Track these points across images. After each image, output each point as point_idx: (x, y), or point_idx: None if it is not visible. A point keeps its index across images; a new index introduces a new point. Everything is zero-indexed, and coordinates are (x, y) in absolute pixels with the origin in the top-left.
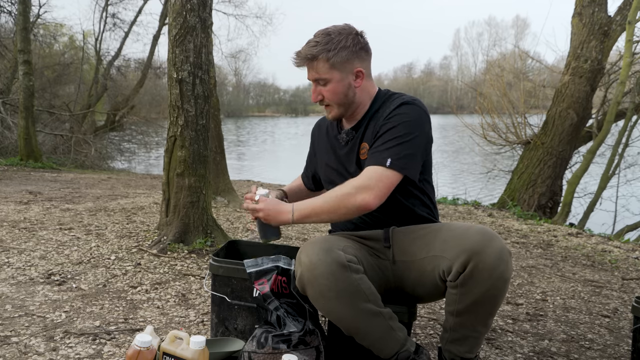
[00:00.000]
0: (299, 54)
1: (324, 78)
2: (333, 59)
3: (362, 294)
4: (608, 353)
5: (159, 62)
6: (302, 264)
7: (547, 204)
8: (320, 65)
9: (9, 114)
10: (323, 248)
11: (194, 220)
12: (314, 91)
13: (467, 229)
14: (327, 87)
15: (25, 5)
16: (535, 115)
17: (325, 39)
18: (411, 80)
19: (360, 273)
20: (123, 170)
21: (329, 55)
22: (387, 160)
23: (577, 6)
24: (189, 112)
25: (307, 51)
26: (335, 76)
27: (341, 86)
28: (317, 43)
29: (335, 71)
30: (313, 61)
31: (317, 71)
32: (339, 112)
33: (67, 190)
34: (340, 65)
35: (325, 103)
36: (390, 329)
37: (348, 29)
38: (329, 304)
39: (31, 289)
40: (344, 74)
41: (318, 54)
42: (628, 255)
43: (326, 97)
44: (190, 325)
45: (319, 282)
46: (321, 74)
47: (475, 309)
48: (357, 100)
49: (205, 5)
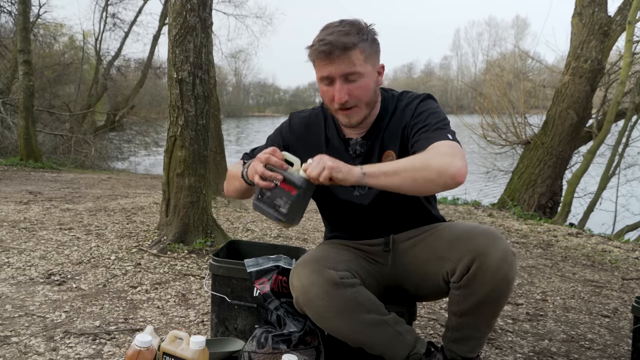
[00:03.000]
0: (329, 45)
1: (358, 72)
2: (368, 50)
3: (362, 307)
4: (608, 353)
5: (159, 62)
6: (295, 288)
7: (547, 204)
8: (356, 57)
9: (9, 114)
10: (314, 269)
11: (194, 220)
12: (340, 89)
13: (471, 229)
14: (359, 83)
15: (25, 5)
16: (535, 115)
17: (354, 27)
18: (411, 80)
19: (356, 286)
20: (123, 170)
21: (365, 45)
22: (448, 136)
23: (577, 6)
24: (189, 112)
25: (343, 39)
26: (368, 70)
27: (371, 83)
28: (348, 31)
29: (369, 65)
30: (349, 51)
31: (353, 63)
32: (364, 114)
33: (67, 190)
34: (372, 58)
35: (351, 104)
36: (397, 334)
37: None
38: (330, 324)
39: (31, 289)
40: (374, 69)
41: (357, 41)
42: (628, 255)
43: (355, 96)
44: (190, 325)
45: (315, 304)
46: (357, 67)
47: (479, 310)
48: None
49: (205, 5)
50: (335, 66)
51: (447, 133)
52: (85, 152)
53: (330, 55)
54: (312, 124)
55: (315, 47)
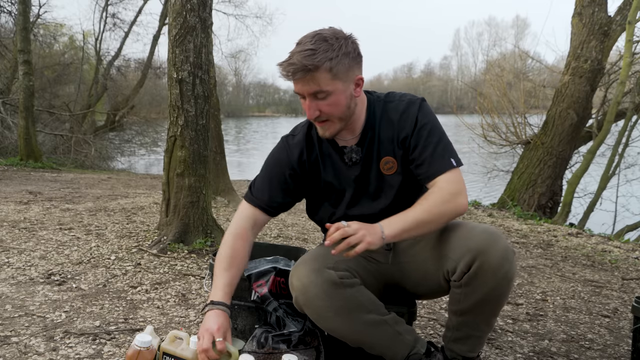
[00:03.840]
0: (293, 66)
1: (326, 90)
2: (336, 67)
3: (362, 306)
4: (608, 353)
5: (159, 62)
6: (295, 288)
7: (547, 204)
8: (322, 77)
9: (9, 114)
10: (313, 269)
11: (194, 220)
12: (310, 107)
13: (471, 228)
14: (328, 101)
15: (25, 5)
16: (535, 115)
17: (323, 45)
18: (411, 80)
19: (355, 286)
20: (123, 170)
21: (332, 64)
22: (452, 162)
23: (577, 6)
24: (189, 112)
25: (305, 61)
26: (338, 87)
27: (343, 98)
28: (314, 51)
29: (338, 82)
30: (312, 73)
31: (318, 83)
32: (339, 127)
33: (67, 190)
34: (343, 74)
35: (323, 118)
36: (397, 334)
37: (342, 33)
38: (329, 323)
39: (31, 289)
40: (347, 84)
41: (320, 64)
42: (628, 255)
43: (326, 112)
44: (190, 325)
45: (315, 304)
46: (322, 87)
47: (479, 309)
48: (357, 111)
49: (205, 5)
50: (301, 86)
51: (451, 158)
52: (85, 152)
53: (294, 77)
54: (306, 147)
55: (282, 68)
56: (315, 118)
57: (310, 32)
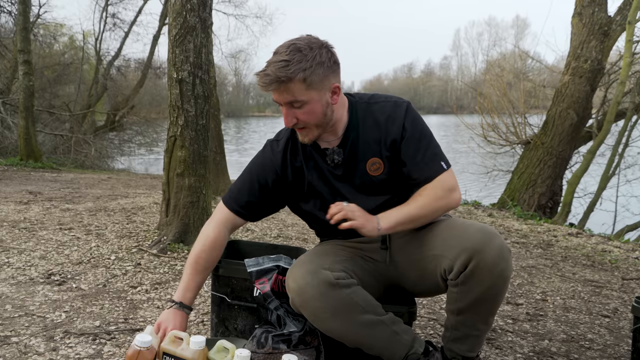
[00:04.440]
0: (268, 77)
1: (300, 100)
2: (310, 78)
3: (358, 307)
4: (608, 353)
5: (159, 62)
6: (291, 290)
7: (547, 204)
8: (295, 87)
9: (9, 114)
10: (309, 270)
11: (194, 220)
12: (287, 115)
13: (467, 227)
14: (304, 110)
15: (25, 5)
16: (535, 115)
17: (296, 56)
18: (411, 80)
19: (352, 286)
20: (123, 170)
21: (305, 74)
22: (442, 166)
23: (577, 6)
24: (189, 112)
25: (279, 73)
26: (312, 97)
27: (319, 106)
28: (287, 62)
29: (313, 91)
30: (286, 84)
31: (292, 94)
32: (317, 134)
33: (67, 190)
34: (317, 84)
35: (301, 126)
36: (394, 334)
37: (317, 42)
38: (326, 324)
39: (31, 289)
40: (322, 93)
41: (293, 75)
42: (628, 255)
43: (302, 120)
44: (190, 325)
45: (311, 305)
46: (297, 97)
47: (476, 307)
48: (335, 117)
49: (205, 5)
50: (277, 95)
51: (441, 162)
52: (85, 152)
53: (268, 88)
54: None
55: (258, 79)
56: (293, 125)
57: (286, 42)
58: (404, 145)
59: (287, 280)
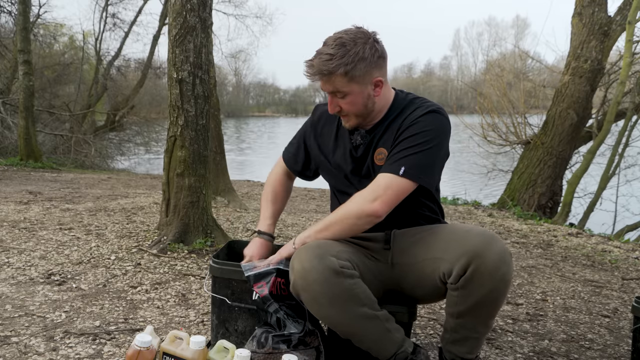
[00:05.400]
0: (313, 68)
1: (342, 91)
2: (351, 72)
3: (357, 299)
4: (608, 353)
5: (159, 62)
6: (295, 271)
7: (547, 204)
8: (337, 80)
9: (9, 114)
10: (316, 254)
11: (194, 220)
12: (331, 102)
13: (467, 231)
14: (346, 100)
15: (25, 5)
16: (535, 115)
17: (340, 50)
18: (411, 80)
19: (354, 278)
20: (123, 170)
21: (346, 69)
22: (400, 169)
23: (577, 6)
24: (189, 112)
25: (322, 66)
26: (354, 89)
27: (360, 98)
28: (331, 56)
29: (354, 84)
30: (329, 76)
31: (334, 85)
32: (357, 122)
33: (67, 190)
34: (359, 78)
35: (343, 114)
36: (386, 331)
37: (363, 36)
38: (323, 310)
39: (31, 289)
40: (363, 86)
41: (335, 70)
42: (628, 255)
43: (344, 109)
44: (190, 325)
45: (313, 289)
46: (339, 88)
47: (476, 311)
48: (376, 108)
49: (205, 5)
50: (322, 84)
51: (404, 165)
52: (85, 152)
53: (313, 78)
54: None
55: (305, 68)
56: (336, 112)
57: (334, 34)
58: (399, 137)
59: (292, 262)
